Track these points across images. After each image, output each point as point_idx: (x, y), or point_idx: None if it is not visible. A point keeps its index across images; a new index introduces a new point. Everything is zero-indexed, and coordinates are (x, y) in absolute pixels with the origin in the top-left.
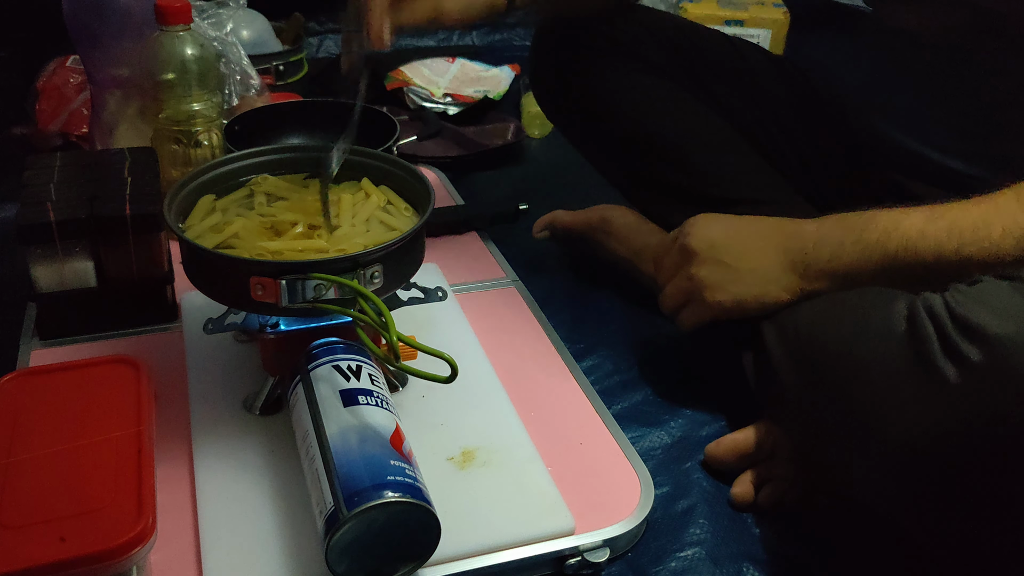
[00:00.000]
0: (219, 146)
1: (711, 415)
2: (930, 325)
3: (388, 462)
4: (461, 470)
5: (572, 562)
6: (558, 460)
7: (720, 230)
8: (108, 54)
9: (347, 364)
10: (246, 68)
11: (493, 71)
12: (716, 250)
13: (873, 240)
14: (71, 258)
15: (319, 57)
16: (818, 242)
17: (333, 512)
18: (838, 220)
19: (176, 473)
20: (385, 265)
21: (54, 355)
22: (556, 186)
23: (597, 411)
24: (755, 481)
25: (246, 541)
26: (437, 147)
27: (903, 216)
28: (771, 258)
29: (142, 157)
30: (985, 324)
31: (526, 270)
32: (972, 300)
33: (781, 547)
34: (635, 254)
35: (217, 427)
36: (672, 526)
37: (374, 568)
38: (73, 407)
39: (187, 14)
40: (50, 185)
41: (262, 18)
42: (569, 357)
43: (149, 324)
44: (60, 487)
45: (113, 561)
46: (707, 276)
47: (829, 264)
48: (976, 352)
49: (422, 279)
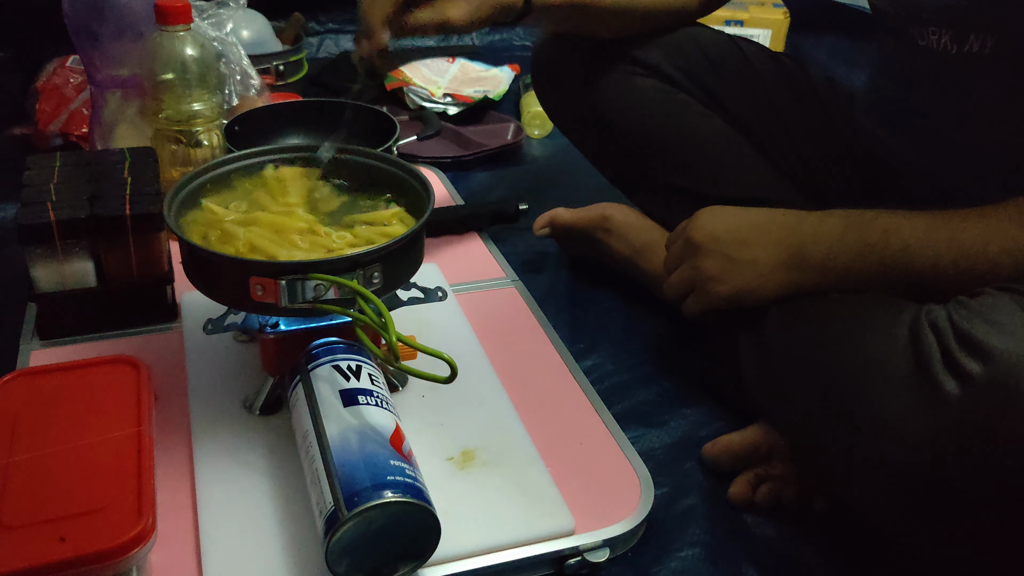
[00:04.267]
0: (219, 146)
1: (711, 415)
2: (932, 338)
3: (388, 462)
4: (461, 470)
5: (572, 562)
6: (558, 460)
7: (723, 223)
8: (108, 54)
9: (347, 364)
10: (246, 68)
11: (493, 71)
12: (719, 243)
13: (873, 241)
14: (71, 258)
15: (319, 57)
16: (818, 237)
17: (333, 512)
18: (841, 217)
19: (176, 473)
20: (385, 265)
21: (54, 355)
22: (556, 186)
23: (597, 411)
24: (753, 481)
25: (246, 541)
26: (437, 147)
27: (905, 221)
28: (769, 251)
29: (142, 157)
30: (988, 339)
31: (526, 270)
32: (975, 315)
33: (781, 547)
34: (636, 252)
35: (217, 427)
36: (672, 526)
37: (374, 568)
38: (73, 407)
39: (187, 14)
40: (50, 185)
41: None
42: (569, 357)
43: (149, 324)
44: (60, 487)
45: (113, 561)
46: (709, 267)
47: (826, 260)
48: (978, 367)
49: (422, 279)
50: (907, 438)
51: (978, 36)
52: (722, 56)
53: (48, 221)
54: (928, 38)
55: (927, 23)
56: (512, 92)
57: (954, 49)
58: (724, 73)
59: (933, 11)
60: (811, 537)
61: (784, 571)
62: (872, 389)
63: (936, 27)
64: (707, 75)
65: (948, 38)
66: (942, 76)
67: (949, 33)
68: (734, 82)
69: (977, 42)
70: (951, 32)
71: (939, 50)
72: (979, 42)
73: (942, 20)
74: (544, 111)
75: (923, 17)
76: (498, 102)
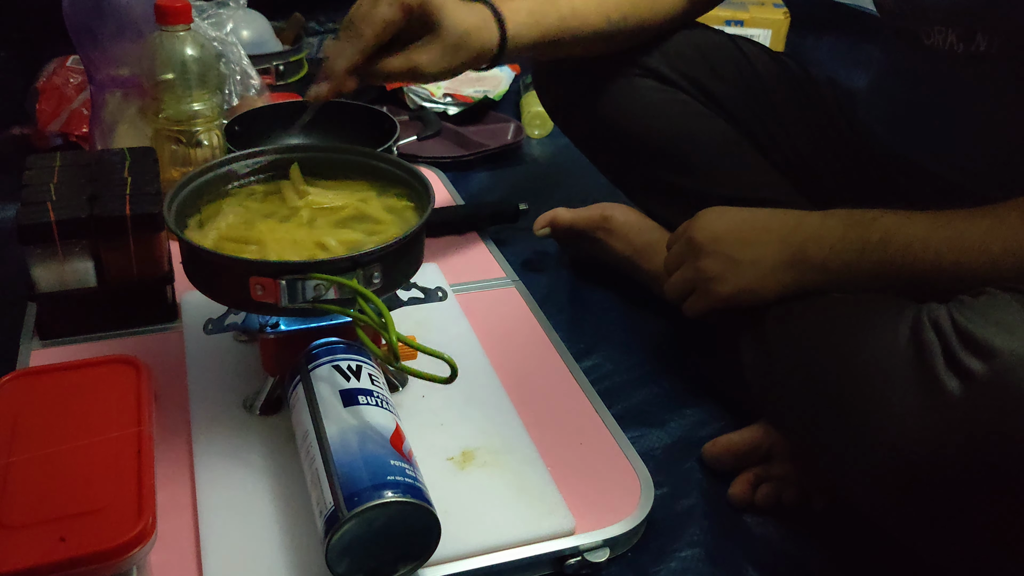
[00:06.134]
0: (219, 146)
1: (711, 415)
2: (934, 337)
3: (388, 462)
4: (461, 470)
5: (572, 562)
6: (558, 460)
7: (724, 223)
8: (108, 54)
9: (347, 364)
10: (246, 68)
11: (493, 71)
12: (720, 243)
13: (875, 240)
14: (71, 258)
15: (319, 57)
16: (819, 237)
17: (333, 512)
18: (842, 216)
19: (176, 473)
20: (385, 265)
21: (54, 355)
22: (556, 186)
23: (597, 411)
24: (753, 481)
25: (246, 541)
26: (437, 147)
27: (906, 220)
28: (770, 251)
29: (142, 157)
30: (990, 339)
31: (526, 270)
32: (977, 314)
33: (781, 547)
34: (636, 252)
35: (217, 427)
36: (672, 526)
37: (374, 568)
38: (73, 407)
39: (187, 14)
40: (50, 185)
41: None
42: (569, 357)
43: (149, 324)
44: (60, 487)
45: (113, 561)
46: (710, 268)
47: (827, 259)
48: (980, 366)
49: (422, 279)
50: (909, 437)
51: (985, 35)
52: (722, 57)
53: (48, 221)
54: (934, 37)
55: (933, 22)
56: (512, 92)
57: (960, 48)
58: (724, 73)
59: (939, 10)
60: (811, 537)
61: (784, 571)
62: (874, 388)
63: (942, 26)
64: (707, 75)
65: (954, 37)
66: (947, 75)
67: (955, 32)
68: (734, 82)
69: (984, 41)
70: (957, 31)
71: (945, 49)
72: (986, 41)
73: (948, 19)
74: (545, 110)
75: (929, 16)
76: (498, 102)
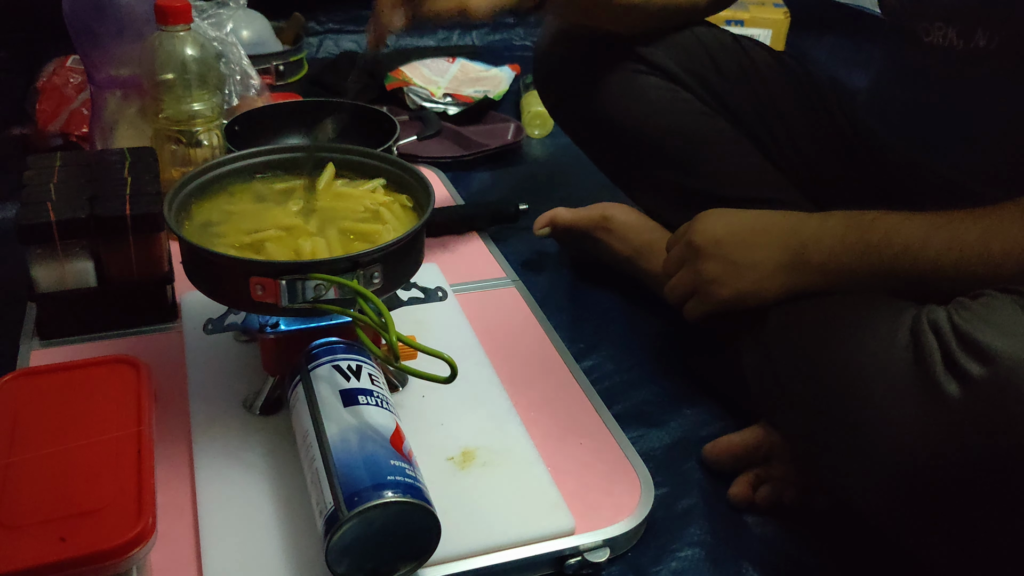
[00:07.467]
0: (219, 146)
1: (711, 415)
2: (934, 340)
3: (388, 462)
4: (461, 470)
5: (572, 562)
6: (558, 460)
7: (724, 226)
8: (108, 54)
9: (347, 364)
10: (246, 68)
11: (493, 71)
12: (720, 246)
13: (875, 242)
14: (71, 258)
15: (319, 57)
16: (819, 239)
17: (333, 512)
18: (842, 218)
19: (176, 473)
20: (385, 265)
21: (54, 355)
22: (556, 186)
23: (597, 411)
24: (753, 482)
25: (246, 541)
26: (437, 147)
27: (906, 221)
28: (770, 253)
29: (142, 157)
30: (989, 342)
31: (526, 270)
32: (976, 316)
33: (781, 547)
34: (636, 252)
35: (217, 427)
36: (672, 526)
37: (374, 568)
38: (73, 407)
39: (187, 14)
40: (50, 185)
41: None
42: (569, 357)
43: (149, 324)
44: (60, 487)
45: (113, 561)
46: (710, 271)
47: (827, 261)
48: (979, 369)
49: (422, 279)
50: (908, 439)
51: (985, 32)
52: (725, 55)
53: (48, 221)
54: (934, 34)
55: (933, 19)
56: (512, 92)
57: (960, 45)
58: (727, 72)
59: (939, 7)
60: (811, 537)
61: (784, 571)
62: (873, 390)
63: (942, 23)
64: (710, 73)
65: (954, 34)
66: (948, 72)
67: (955, 29)
68: (737, 81)
69: (983, 38)
70: (957, 28)
71: (945, 46)
72: (985, 38)
73: (948, 16)
74: (546, 109)
75: (929, 13)
76: (498, 102)
